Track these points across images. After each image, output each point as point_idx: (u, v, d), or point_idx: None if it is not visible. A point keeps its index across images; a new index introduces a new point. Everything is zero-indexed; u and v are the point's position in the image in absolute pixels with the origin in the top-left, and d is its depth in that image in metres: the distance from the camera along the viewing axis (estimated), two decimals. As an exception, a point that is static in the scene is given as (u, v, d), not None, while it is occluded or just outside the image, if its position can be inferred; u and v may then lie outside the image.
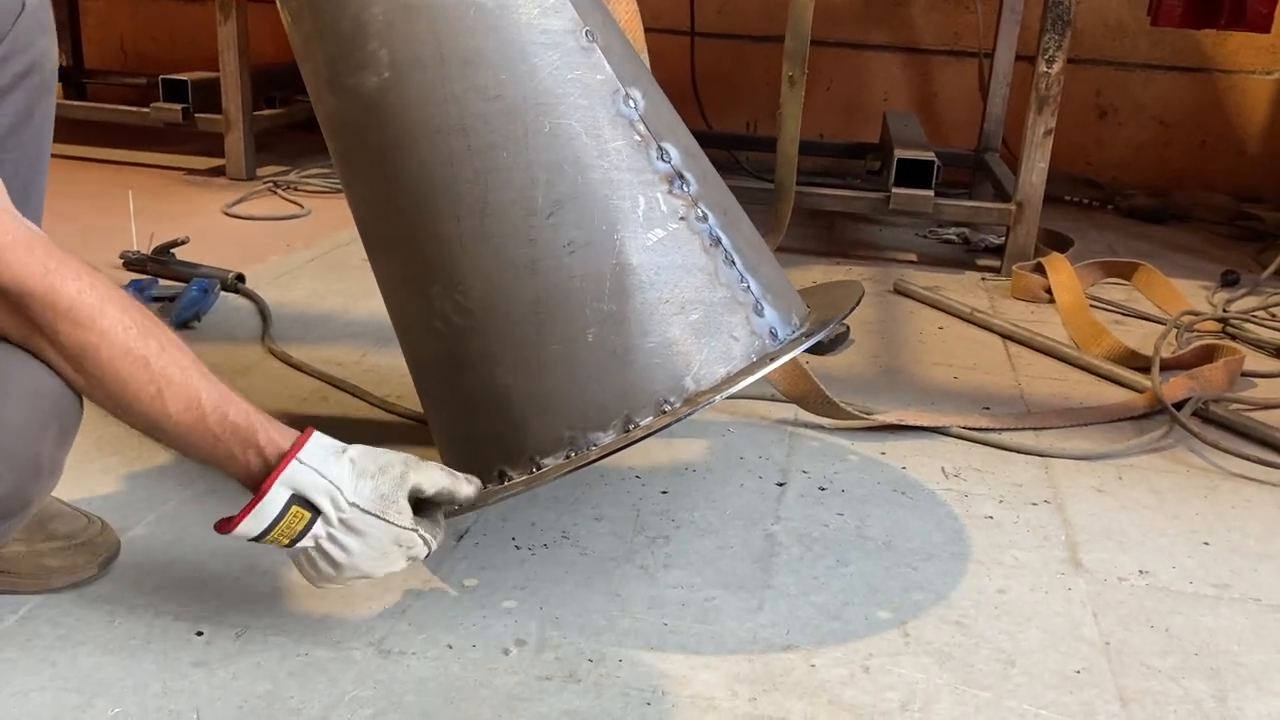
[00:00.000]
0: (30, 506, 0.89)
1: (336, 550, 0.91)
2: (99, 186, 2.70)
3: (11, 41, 0.95)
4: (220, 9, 2.71)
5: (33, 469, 0.86)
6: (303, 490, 0.88)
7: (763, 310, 1.02)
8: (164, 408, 0.85)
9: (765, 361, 1.00)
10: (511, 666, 0.98)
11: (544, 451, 0.99)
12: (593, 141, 0.97)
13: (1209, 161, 3.20)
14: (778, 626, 1.06)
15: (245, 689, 0.93)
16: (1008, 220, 2.33)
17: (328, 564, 0.92)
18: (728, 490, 1.33)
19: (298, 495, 0.88)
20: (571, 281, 0.97)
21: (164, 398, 0.84)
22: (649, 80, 1.05)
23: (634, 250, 0.98)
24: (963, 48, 3.22)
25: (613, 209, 0.97)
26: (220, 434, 0.87)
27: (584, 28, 0.98)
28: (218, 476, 1.29)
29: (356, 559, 0.92)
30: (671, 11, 3.16)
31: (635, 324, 0.97)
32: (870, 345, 1.87)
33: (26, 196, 1.00)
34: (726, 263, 1.01)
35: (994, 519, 1.29)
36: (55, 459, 0.88)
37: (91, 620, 1.01)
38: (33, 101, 0.99)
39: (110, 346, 0.82)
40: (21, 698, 0.91)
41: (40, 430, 0.85)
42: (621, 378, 0.98)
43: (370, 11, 0.97)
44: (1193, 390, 1.62)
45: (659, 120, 1.02)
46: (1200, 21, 2.36)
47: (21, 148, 0.99)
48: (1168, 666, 1.03)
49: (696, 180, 1.02)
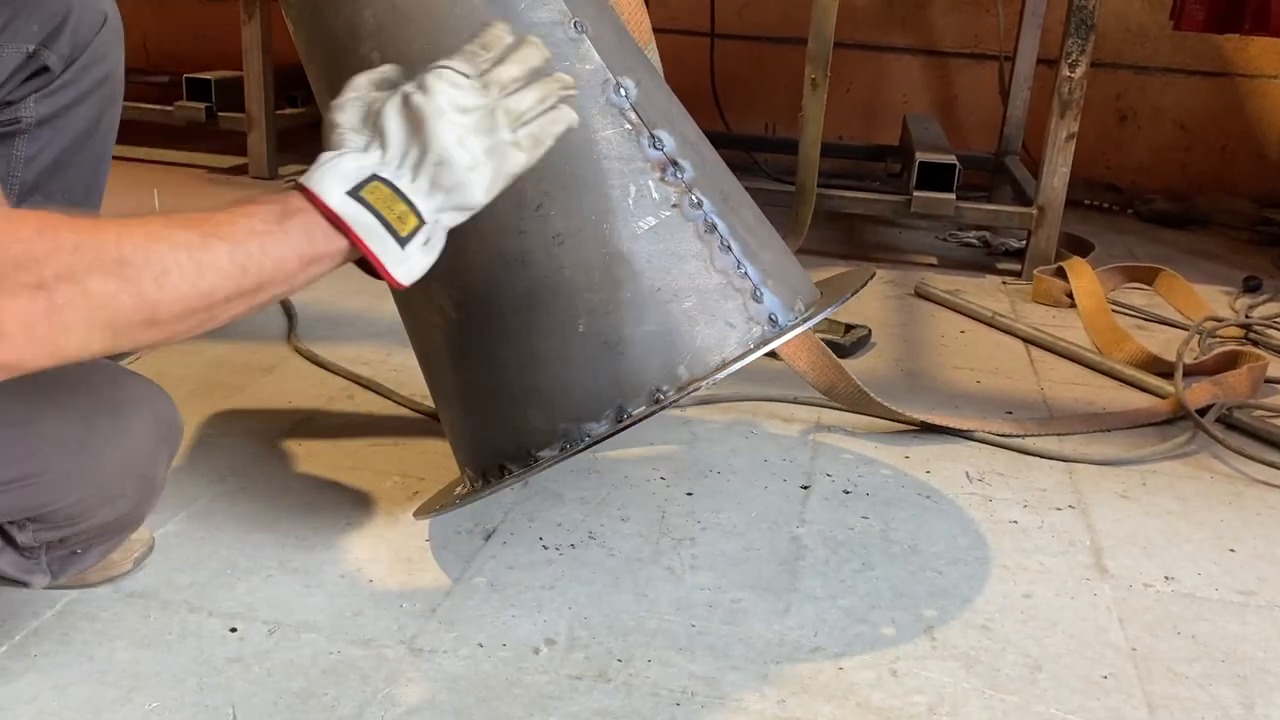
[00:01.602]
0: (140, 523, 0.96)
1: (457, 150, 0.76)
2: (123, 184, 2.71)
3: (93, 51, 0.98)
4: (244, 9, 2.73)
5: (150, 489, 0.93)
6: (342, 179, 0.74)
7: (761, 296, 1.01)
8: (226, 275, 0.69)
9: (760, 346, 0.98)
10: (542, 666, 0.99)
11: (540, 445, 0.99)
12: (581, 131, 0.96)
13: (1230, 166, 3.19)
14: (805, 629, 1.06)
15: (279, 685, 0.94)
16: (1029, 224, 2.33)
17: (452, 144, 0.76)
18: (752, 493, 1.33)
19: (354, 190, 0.74)
20: (562, 272, 0.97)
21: (218, 268, 0.69)
22: (644, 69, 1.05)
23: (624, 239, 0.97)
24: (983, 50, 3.22)
25: (602, 198, 0.97)
26: (277, 231, 0.72)
27: (573, 19, 0.99)
28: (248, 474, 1.31)
29: (445, 109, 0.76)
30: (691, 13, 3.17)
31: (627, 313, 0.97)
32: (892, 349, 1.88)
33: (88, 196, 1.03)
34: (722, 249, 1.00)
35: (1018, 524, 1.29)
36: (163, 479, 0.94)
37: (127, 615, 1.02)
38: (104, 108, 1.02)
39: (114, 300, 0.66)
40: (61, 691, 0.92)
41: (158, 453, 0.92)
42: (614, 367, 0.97)
43: (362, 15, 0.98)
44: (1216, 396, 1.62)
45: (652, 108, 1.01)
46: (1223, 26, 2.36)
47: (90, 150, 1.02)
48: (1194, 673, 1.03)
49: (693, 167, 1.01)
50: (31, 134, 0.99)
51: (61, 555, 0.93)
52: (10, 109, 1.00)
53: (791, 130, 2.56)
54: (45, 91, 0.98)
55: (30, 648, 0.97)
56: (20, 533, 0.89)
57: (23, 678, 0.93)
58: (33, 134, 0.99)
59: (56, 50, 0.97)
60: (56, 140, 1.00)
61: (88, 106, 0.99)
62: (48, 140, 1.00)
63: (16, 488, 0.84)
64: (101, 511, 0.90)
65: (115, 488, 0.90)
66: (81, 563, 0.96)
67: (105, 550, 0.97)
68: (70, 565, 0.95)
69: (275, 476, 1.30)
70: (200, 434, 1.39)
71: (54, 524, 0.89)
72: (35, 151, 0.98)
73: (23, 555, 0.91)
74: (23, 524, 0.88)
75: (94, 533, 0.93)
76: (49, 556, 0.93)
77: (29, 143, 0.98)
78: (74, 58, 0.98)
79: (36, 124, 0.99)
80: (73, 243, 0.63)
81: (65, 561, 0.94)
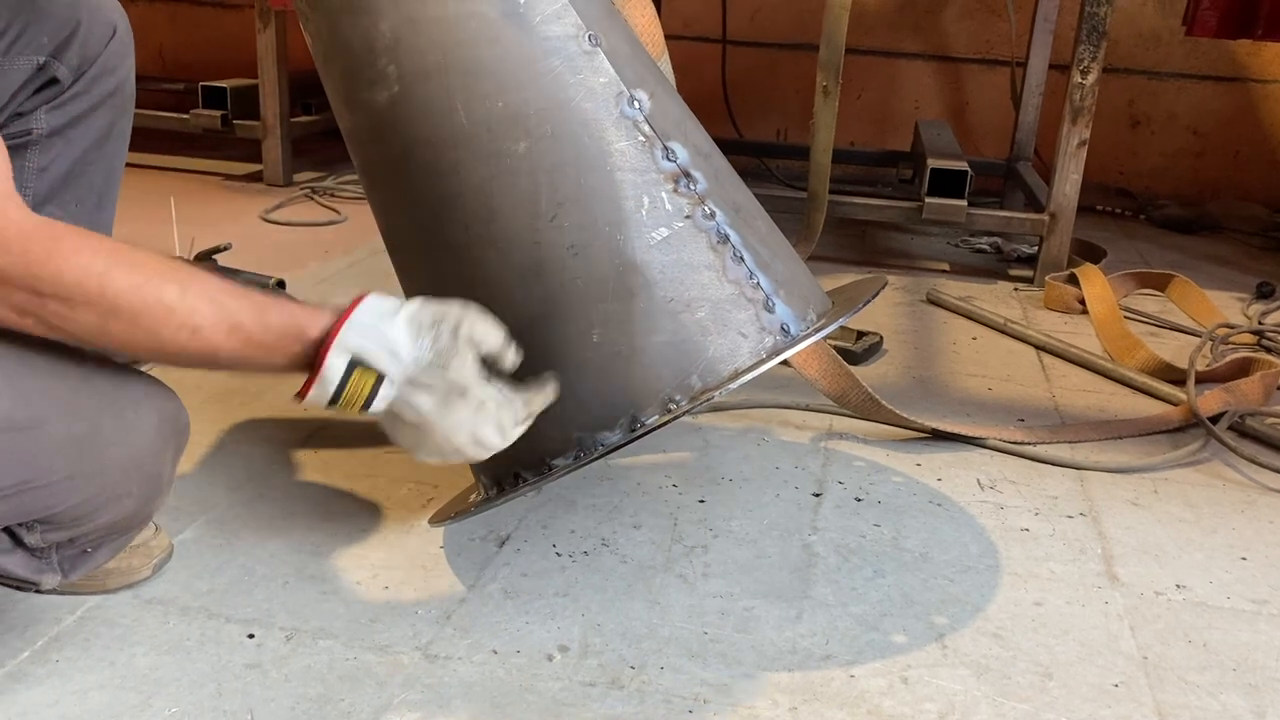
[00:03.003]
0: (149, 521, 0.98)
1: (410, 411, 0.89)
2: (139, 192, 2.74)
3: (103, 62, 0.99)
4: (259, 17, 2.75)
5: (157, 486, 0.94)
6: (361, 354, 0.87)
7: (774, 306, 1.02)
8: (206, 343, 0.83)
9: (772, 356, 0.99)
10: (555, 672, 1.00)
11: (554, 453, 1.00)
12: (595, 143, 0.98)
13: (1242, 171, 3.19)
14: (817, 636, 1.07)
15: (297, 691, 0.95)
16: (1041, 230, 2.33)
17: (409, 428, 0.90)
18: (764, 500, 1.34)
19: (357, 360, 0.87)
20: (576, 283, 0.98)
21: (203, 334, 0.83)
22: (657, 81, 1.06)
23: (637, 249, 0.98)
24: (995, 56, 3.22)
25: (615, 209, 0.98)
26: (270, 342, 0.86)
27: (586, 32, 1.00)
28: (266, 481, 1.33)
29: (432, 418, 0.89)
30: (703, 19, 3.18)
31: (640, 323, 0.98)
32: (903, 355, 1.88)
33: (101, 205, 1.04)
34: (735, 260, 1.01)
35: (1030, 531, 1.30)
36: (171, 477, 0.95)
37: (146, 621, 1.04)
38: (115, 118, 1.03)
39: (117, 316, 0.80)
40: (81, 696, 0.93)
41: (164, 451, 0.93)
42: (627, 377, 0.98)
43: (379, 28, 0.99)
44: (1228, 404, 1.62)
45: (666, 120, 1.02)
46: (1236, 31, 2.35)
47: (102, 160, 1.03)
48: (1206, 682, 1.03)
49: (706, 178, 1.03)
50: (43, 145, 1.00)
51: (71, 555, 0.94)
52: (21, 120, 1.02)
53: (803, 136, 2.57)
54: (56, 103, 0.99)
55: (51, 653, 0.98)
56: (29, 534, 0.90)
57: (44, 683, 0.95)
58: (44, 145, 1.00)
59: (66, 62, 0.98)
60: (68, 151, 1.02)
61: (98, 117, 1.01)
62: (60, 151, 1.01)
63: (22, 492, 0.84)
64: (109, 511, 0.91)
65: (122, 487, 0.91)
66: (92, 561, 0.96)
67: (115, 548, 0.98)
68: (81, 564, 0.96)
69: (292, 484, 1.32)
70: (218, 441, 1.41)
71: (61, 525, 0.90)
72: (47, 162, 0.99)
73: (32, 555, 0.92)
74: (30, 525, 0.89)
75: (102, 532, 0.94)
76: (59, 556, 0.94)
77: (41, 154, 1.00)
78: (84, 69, 1.00)
79: (48, 135, 1.00)
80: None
81: (75, 560, 0.95)
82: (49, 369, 0.85)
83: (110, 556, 0.99)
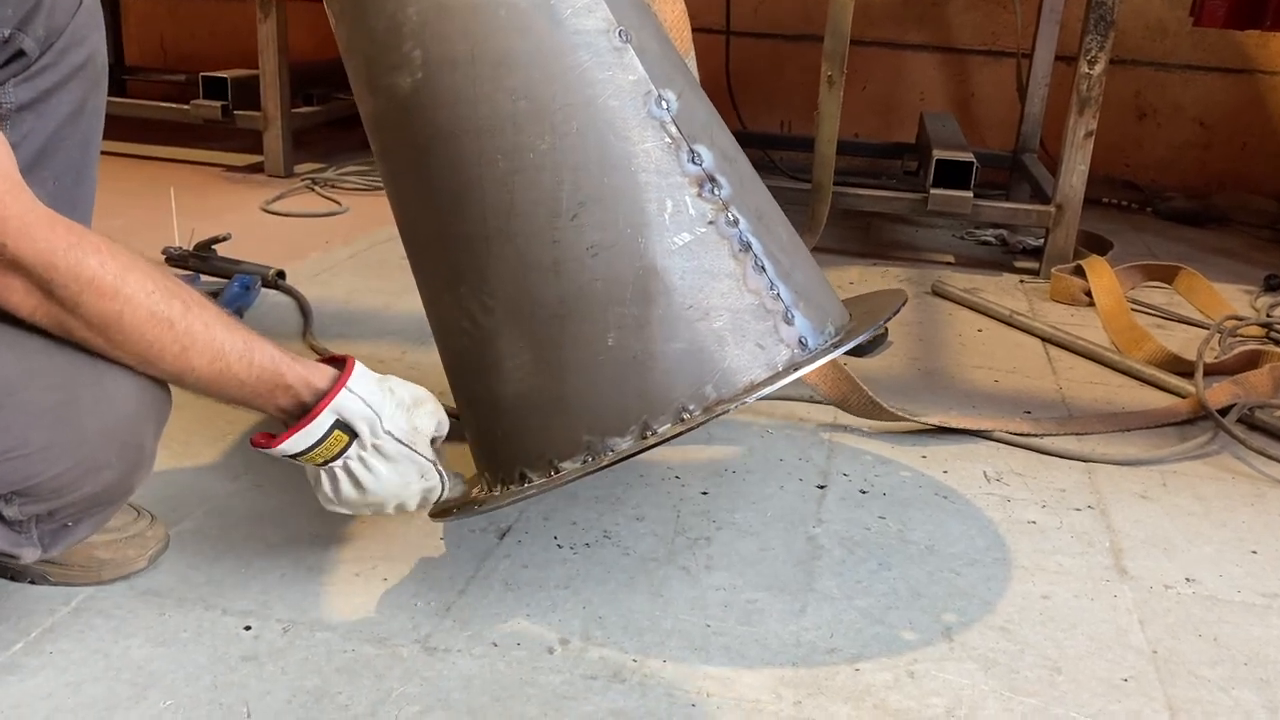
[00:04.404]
0: (131, 494, 0.97)
1: (364, 473, 0.98)
2: (140, 183, 2.73)
3: (71, 33, 0.97)
4: (260, 7, 2.73)
5: (138, 458, 0.93)
6: (347, 416, 0.96)
7: (793, 319, 1.00)
8: (189, 362, 0.89)
9: (789, 370, 0.98)
10: (556, 665, 0.98)
11: (563, 455, 0.99)
12: (620, 143, 0.96)
13: (1250, 164, 3.17)
14: (821, 630, 1.05)
15: (294, 684, 0.94)
16: (1047, 222, 2.32)
17: (351, 485, 0.99)
18: (768, 492, 1.32)
19: (341, 421, 0.96)
20: (594, 284, 0.96)
21: (189, 353, 0.89)
22: (686, 81, 1.04)
23: (659, 254, 0.96)
24: (1001, 48, 3.20)
25: (638, 211, 0.96)
26: (246, 379, 0.93)
27: (618, 28, 0.97)
28: (263, 472, 1.31)
29: (382, 484, 0.99)
30: (707, 10, 3.16)
31: (657, 329, 0.96)
32: (909, 347, 1.87)
33: (79, 182, 1.03)
34: (756, 269, 0.99)
35: (1037, 524, 1.28)
36: (152, 449, 0.95)
37: (142, 613, 1.02)
38: (87, 92, 1.01)
39: (135, 311, 0.86)
40: (76, 688, 0.92)
41: (144, 421, 0.93)
42: (641, 383, 0.96)
43: (406, 12, 0.97)
44: (1237, 396, 1.60)
45: (693, 122, 1.00)
46: (1244, 22, 2.33)
47: (77, 134, 1.01)
48: (1217, 676, 1.02)
49: (730, 184, 1.01)
50: (13, 120, 0.98)
51: (52, 529, 0.93)
52: None
53: (807, 128, 2.55)
54: (24, 76, 0.97)
55: (46, 644, 0.97)
56: (7, 506, 0.88)
57: (38, 674, 0.93)
58: (14, 120, 0.98)
59: (32, 33, 0.96)
60: (41, 126, 1.00)
61: (69, 91, 0.99)
62: (31, 126, 0.99)
63: None
64: (88, 482, 0.90)
65: (100, 457, 0.89)
66: (73, 535, 0.95)
67: (97, 522, 0.96)
68: (61, 538, 0.94)
69: (290, 475, 1.30)
70: (215, 432, 1.39)
71: (40, 497, 0.88)
72: (19, 138, 0.97)
73: (11, 528, 0.90)
74: (8, 498, 0.87)
75: (83, 505, 0.92)
76: (39, 530, 0.92)
77: (12, 129, 0.98)
78: (51, 41, 0.97)
79: (17, 110, 0.98)
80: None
81: (56, 535, 0.94)
82: (25, 341, 0.85)
83: (91, 531, 0.97)
